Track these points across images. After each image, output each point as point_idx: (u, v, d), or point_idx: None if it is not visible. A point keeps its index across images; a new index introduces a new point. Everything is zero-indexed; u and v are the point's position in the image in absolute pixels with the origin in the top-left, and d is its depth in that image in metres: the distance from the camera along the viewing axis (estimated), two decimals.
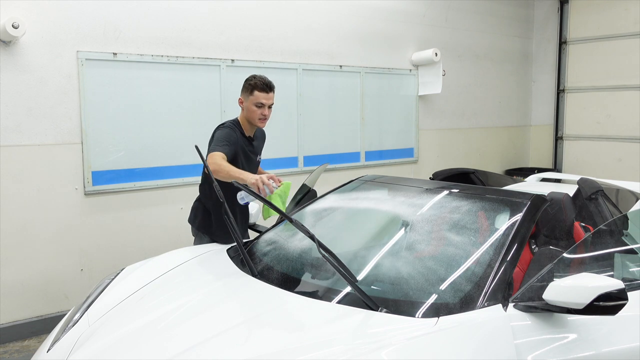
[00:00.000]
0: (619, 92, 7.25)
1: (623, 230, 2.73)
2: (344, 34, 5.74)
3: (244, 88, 3.34)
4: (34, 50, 3.99)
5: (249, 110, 3.31)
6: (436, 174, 4.34)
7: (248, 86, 3.31)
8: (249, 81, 3.32)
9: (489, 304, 2.07)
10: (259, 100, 3.28)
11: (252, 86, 3.28)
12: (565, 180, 5.24)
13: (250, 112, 3.31)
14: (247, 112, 3.33)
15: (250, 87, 3.29)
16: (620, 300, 1.88)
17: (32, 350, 3.92)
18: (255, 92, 3.27)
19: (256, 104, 3.28)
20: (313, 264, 2.57)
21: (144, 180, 4.51)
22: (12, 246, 4.00)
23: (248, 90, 3.30)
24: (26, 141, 4.01)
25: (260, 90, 3.28)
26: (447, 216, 2.67)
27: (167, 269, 2.70)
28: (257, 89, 3.27)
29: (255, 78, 3.32)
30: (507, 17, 7.56)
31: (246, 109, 3.33)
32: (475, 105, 7.26)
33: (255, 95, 3.27)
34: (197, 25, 4.72)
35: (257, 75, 3.35)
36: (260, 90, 3.28)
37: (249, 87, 3.30)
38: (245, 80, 3.36)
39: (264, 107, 3.30)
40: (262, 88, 3.28)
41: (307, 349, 1.87)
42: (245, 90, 3.32)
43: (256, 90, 3.27)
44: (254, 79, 3.31)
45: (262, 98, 3.28)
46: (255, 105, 3.28)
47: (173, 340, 2.04)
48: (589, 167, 7.51)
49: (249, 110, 3.31)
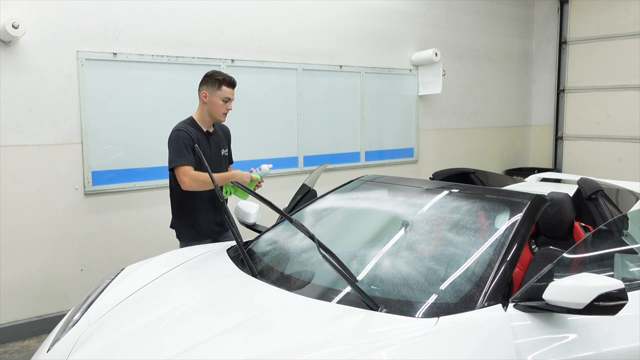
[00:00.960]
0: (619, 92, 7.24)
1: (623, 230, 2.73)
2: (344, 34, 5.74)
3: (210, 82, 3.39)
4: (34, 50, 3.99)
5: (214, 104, 3.38)
6: (436, 174, 4.34)
7: (215, 81, 3.37)
8: (215, 76, 3.39)
9: (489, 304, 2.07)
10: (226, 95, 3.38)
11: (220, 81, 3.36)
12: (565, 180, 5.24)
13: (215, 106, 3.39)
14: (211, 105, 3.39)
15: (218, 82, 3.36)
16: (620, 300, 1.88)
17: (32, 350, 3.92)
18: (224, 87, 3.37)
19: (223, 99, 3.38)
20: (313, 264, 2.57)
21: (144, 180, 4.51)
22: (12, 246, 4.00)
23: (215, 84, 3.37)
24: (26, 141, 4.01)
25: (228, 86, 3.38)
26: (447, 216, 2.67)
27: (167, 269, 2.70)
28: (225, 84, 3.37)
29: (220, 74, 3.41)
30: (507, 17, 7.56)
31: (211, 102, 3.39)
32: (475, 105, 7.26)
33: (223, 90, 3.37)
34: (197, 25, 4.72)
35: (219, 71, 3.45)
36: (228, 86, 3.38)
37: (216, 82, 3.37)
38: (208, 75, 3.42)
39: (229, 102, 3.41)
40: (229, 83, 3.38)
41: (307, 349, 1.87)
42: (211, 84, 3.38)
43: (224, 85, 3.37)
44: (220, 74, 3.40)
45: (229, 93, 3.39)
46: (222, 99, 3.38)
47: (173, 340, 2.04)
48: (589, 167, 7.51)
49: (214, 104, 3.38)
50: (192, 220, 3.46)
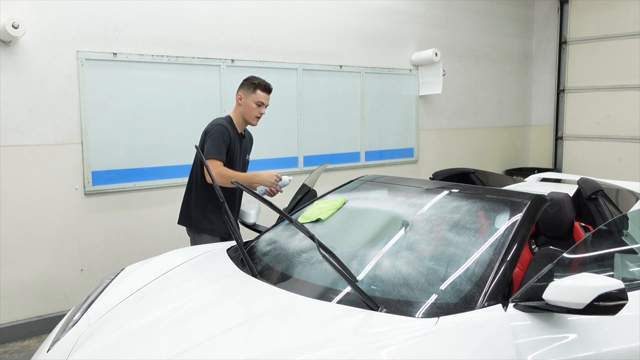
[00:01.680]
0: (619, 92, 7.24)
1: (623, 230, 2.73)
2: (344, 34, 5.74)
3: (246, 86, 3.53)
4: (34, 50, 3.99)
5: (248, 107, 3.51)
6: (436, 174, 4.33)
7: (251, 84, 3.51)
8: (252, 80, 3.52)
9: (489, 304, 2.07)
10: (259, 100, 3.50)
11: (255, 85, 3.50)
12: (565, 180, 5.24)
13: (249, 109, 3.51)
14: (245, 108, 3.52)
15: (254, 85, 3.50)
16: (620, 300, 1.88)
17: (32, 350, 3.92)
18: (258, 91, 3.50)
19: (257, 102, 3.50)
20: (313, 264, 2.57)
21: (144, 180, 4.51)
22: (12, 246, 4.00)
23: (251, 88, 3.50)
24: (26, 141, 4.01)
25: (263, 90, 3.51)
26: (447, 216, 2.67)
27: (167, 269, 2.70)
28: (260, 88, 3.50)
29: (257, 78, 3.54)
30: (507, 17, 7.56)
31: (245, 105, 3.51)
32: (475, 105, 7.26)
33: (258, 94, 3.49)
34: (197, 25, 4.72)
35: (256, 76, 3.57)
36: (263, 90, 3.51)
37: (252, 85, 3.50)
38: (246, 79, 3.56)
39: (263, 106, 3.53)
40: (264, 88, 3.52)
41: (307, 349, 1.87)
42: (247, 87, 3.52)
43: (259, 89, 3.50)
44: (257, 79, 3.53)
45: (263, 98, 3.51)
46: (256, 103, 3.50)
47: (173, 340, 2.04)
48: (589, 167, 7.51)
49: (248, 107, 3.51)
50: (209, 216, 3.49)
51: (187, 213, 3.58)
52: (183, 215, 3.63)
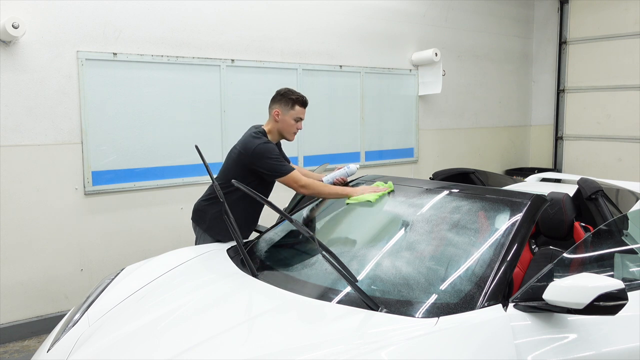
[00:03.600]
0: (619, 92, 7.24)
1: (623, 230, 2.73)
2: (344, 34, 5.74)
3: (283, 101, 3.29)
4: (34, 50, 3.99)
5: (286, 123, 3.30)
6: (436, 174, 4.33)
7: (289, 100, 3.29)
8: (289, 95, 3.30)
9: (489, 304, 2.07)
10: (298, 115, 3.31)
11: (293, 101, 3.28)
12: (565, 180, 5.24)
13: (287, 126, 3.31)
14: (282, 124, 3.31)
15: (292, 101, 3.28)
16: (620, 300, 1.88)
17: (32, 350, 3.92)
18: (297, 106, 3.29)
19: (295, 119, 3.30)
20: (313, 264, 2.57)
21: (144, 180, 4.51)
22: (12, 246, 4.00)
23: (289, 104, 3.28)
24: (26, 141, 4.01)
25: (301, 105, 3.31)
26: (447, 216, 2.67)
27: (167, 269, 2.70)
28: (298, 103, 3.29)
29: (294, 92, 3.32)
30: (507, 17, 7.56)
31: (283, 121, 3.30)
32: (475, 105, 7.26)
33: (297, 110, 3.29)
34: (197, 25, 4.72)
35: (293, 90, 3.35)
36: (301, 105, 3.31)
37: (290, 101, 3.28)
38: (281, 94, 3.32)
39: (301, 122, 3.35)
40: (302, 103, 3.31)
41: (307, 349, 1.87)
42: (284, 103, 3.29)
43: (297, 105, 3.29)
44: (294, 93, 3.31)
45: (301, 113, 3.32)
46: (295, 119, 3.30)
47: (173, 340, 2.04)
48: (589, 167, 7.51)
49: (286, 123, 3.30)
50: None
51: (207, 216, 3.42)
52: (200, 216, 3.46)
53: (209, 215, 3.36)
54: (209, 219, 3.36)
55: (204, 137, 4.77)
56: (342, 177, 3.44)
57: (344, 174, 3.44)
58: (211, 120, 4.82)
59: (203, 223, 3.40)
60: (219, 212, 3.28)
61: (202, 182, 4.67)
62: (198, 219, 3.43)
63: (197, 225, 3.44)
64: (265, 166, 3.16)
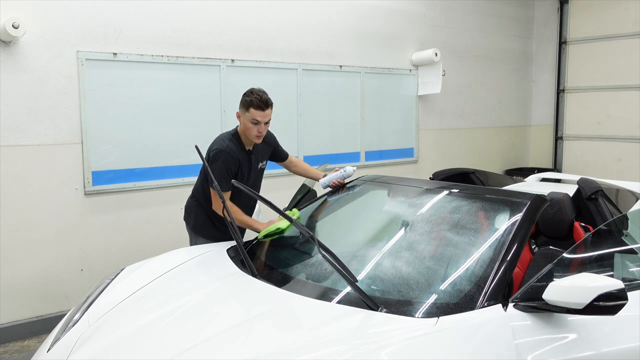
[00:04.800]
0: (619, 92, 7.24)
1: (623, 230, 2.73)
2: (344, 34, 5.74)
3: (241, 103, 3.24)
4: (34, 50, 3.99)
5: (245, 126, 3.23)
6: (436, 174, 4.33)
7: (245, 102, 3.20)
8: (246, 96, 3.21)
9: (489, 304, 2.07)
10: (254, 118, 3.17)
11: (248, 103, 3.17)
12: (565, 180, 5.24)
13: (246, 129, 3.23)
14: (243, 127, 3.26)
15: (247, 103, 3.18)
16: (620, 300, 1.88)
17: (32, 350, 3.92)
18: (251, 109, 3.16)
19: (252, 121, 3.18)
20: (313, 264, 2.57)
21: (144, 180, 4.51)
22: (12, 246, 4.00)
23: (244, 106, 3.20)
24: (26, 141, 4.01)
25: (256, 108, 3.16)
26: (447, 216, 2.67)
27: (167, 269, 2.70)
28: (252, 106, 3.16)
29: (252, 94, 3.19)
30: (507, 17, 7.56)
31: (242, 124, 3.25)
32: (475, 105, 7.26)
33: (251, 113, 3.17)
34: (197, 25, 4.72)
35: (255, 90, 3.22)
36: (256, 108, 3.16)
37: (245, 103, 3.19)
38: (243, 95, 3.26)
39: (260, 124, 3.20)
40: (257, 105, 3.16)
41: (307, 349, 1.87)
42: (242, 105, 3.23)
43: (252, 107, 3.16)
44: (251, 95, 3.19)
45: (257, 116, 3.17)
46: (251, 122, 3.19)
47: (173, 340, 2.04)
48: (589, 167, 7.51)
49: (245, 126, 3.23)
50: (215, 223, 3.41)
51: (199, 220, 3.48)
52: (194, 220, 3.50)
53: (193, 214, 3.46)
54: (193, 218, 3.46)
55: (204, 137, 4.75)
56: (338, 179, 3.44)
57: (341, 176, 3.43)
58: (211, 120, 4.82)
59: (189, 222, 3.50)
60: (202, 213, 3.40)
61: None
62: (186, 217, 3.54)
63: (186, 223, 3.55)
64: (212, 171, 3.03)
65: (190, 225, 3.50)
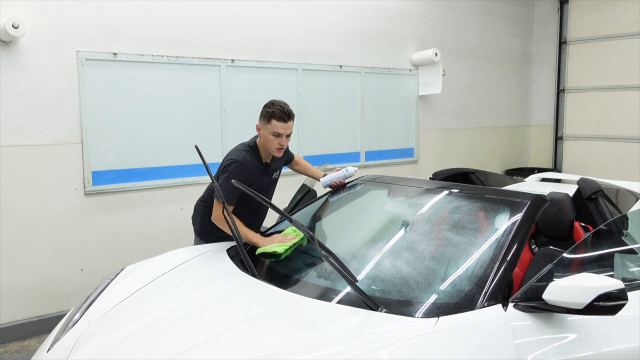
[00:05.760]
0: (619, 92, 7.25)
1: (623, 230, 2.73)
2: (344, 34, 5.74)
3: (262, 115, 3.12)
4: (34, 50, 3.99)
5: (266, 139, 3.10)
6: (436, 174, 4.33)
7: (266, 114, 3.08)
8: (267, 108, 3.10)
9: (489, 304, 2.07)
10: (276, 130, 3.05)
11: (270, 114, 3.05)
12: (565, 180, 5.24)
13: (267, 142, 3.11)
14: (264, 140, 3.12)
15: (269, 115, 3.06)
16: (620, 300, 1.88)
17: (32, 350, 3.92)
18: (273, 121, 3.04)
19: (273, 133, 3.06)
20: (313, 264, 2.57)
21: (144, 180, 4.51)
22: (12, 246, 4.00)
23: (265, 118, 3.08)
24: (26, 141, 4.01)
25: (278, 120, 3.04)
26: (447, 216, 2.67)
27: (167, 269, 2.70)
28: (274, 117, 3.04)
29: (274, 105, 3.08)
30: (507, 17, 7.56)
31: (263, 137, 3.12)
32: (475, 105, 7.26)
33: (273, 125, 3.05)
34: (197, 25, 4.72)
35: (277, 102, 3.11)
36: (278, 120, 3.04)
37: (267, 115, 3.07)
38: (263, 106, 3.15)
39: (282, 137, 3.08)
40: (280, 117, 3.04)
41: (307, 349, 1.87)
42: (262, 117, 3.11)
43: (274, 119, 3.04)
44: (273, 106, 3.08)
45: (279, 128, 3.05)
46: (273, 134, 3.07)
47: (173, 340, 2.04)
48: (589, 167, 7.51)
49: (266, 139, 3.10)
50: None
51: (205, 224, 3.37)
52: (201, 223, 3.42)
53: (199, 218, 3.39)
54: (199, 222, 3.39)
55: (204, 137, 4.77)
56: (339, 179, 3.42)
57: (342, 176, 3.41)
58: (211, 120, 4.82)
59: (196, 224, 3.45)
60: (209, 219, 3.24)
61: (202, 182, 4.67)
62: (194, 218, 3.47)
63: (193, 225, 3.50)
64: (222, 181, 3.00)
65: (197, 229, 3.44)
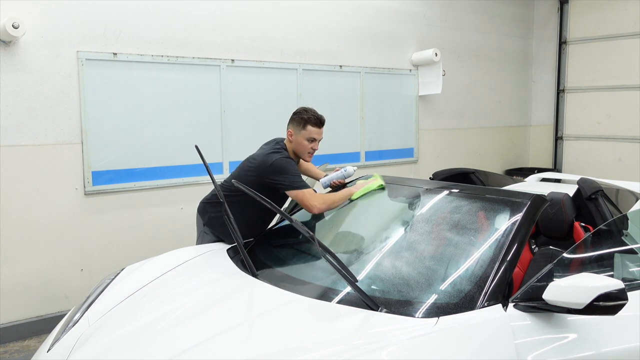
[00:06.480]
0: (619, 92, 7.24)
1: (623, 230, 2.73)
2: (344, 34, 5.74)
3: (295, 121, 3.23)
4: (34, 50, 3.99)
5: (299, 144, 3.23)
6: (436, 174, 4.33)
7: (300, 120, 3.21)
8: (301, 115, 3.22)
9: (489, 304, 2.07)
10: (311, 136, 3.20)
11: (305, 120, 3.19)
12: (565, 180, 5.24)
13: (300, 146, 3.24)
14: (296, 145, 3.24)
15: (304, 121, 3.19)
16: (620, 300, 1.88)
17: (32, 350, 3.92)
18: (309, 126, 3.19)
19: (308, 139, 3.21)
20: (313, 264, 2.57)
21: (144, 180, 4.51)
22: (12, 246, 4.00)
23: (300, 124, 3.20)
24: (26, 141, 4.01)
25: (313, 125, 3.20)
26: (447, 216, 2.67)
27: (167, 269, 2.70)
28: (310, 123, 3.19)
29: (307, 112, 3.23)
30: (507, 17, 7.56)
31: (296, 142, 3.24)
32: (475, 105, 7.26)
33: (308, 130, 3.20)
34: (197, 25, 4.72)
35: (308, 109, 3.26)
36: (313, 125, 3.20)
37: (302, 121, 3.20)
38: (295, 113, 3.27)
39: (316, 141, 3.24)
40: (315, 123, 3.20)
41: (307, 349, 1.87)
42: (296, 123, 3.22)
43: (309, 124, 3.19)
44: (307, 112, 3.22)
45: (314, 133, 3.21)
46: (307, 140, 3.21)
47: (173, 340, 2.04)
48: (589, 167, 7.51)
49: (299, 144, 3.23)
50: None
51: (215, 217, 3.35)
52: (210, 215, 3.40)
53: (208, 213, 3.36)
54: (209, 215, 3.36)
55: (204, 137, 4.77)
56: (339, 179, 3.43)
57: (341, 176, 3.42)
58: (211, 120, 4.82)
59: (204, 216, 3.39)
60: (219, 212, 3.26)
61: (202, 182, 4.67)
62: (202, 211, 3.42)
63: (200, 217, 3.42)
64: (285, 180, 3.09)
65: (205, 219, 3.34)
